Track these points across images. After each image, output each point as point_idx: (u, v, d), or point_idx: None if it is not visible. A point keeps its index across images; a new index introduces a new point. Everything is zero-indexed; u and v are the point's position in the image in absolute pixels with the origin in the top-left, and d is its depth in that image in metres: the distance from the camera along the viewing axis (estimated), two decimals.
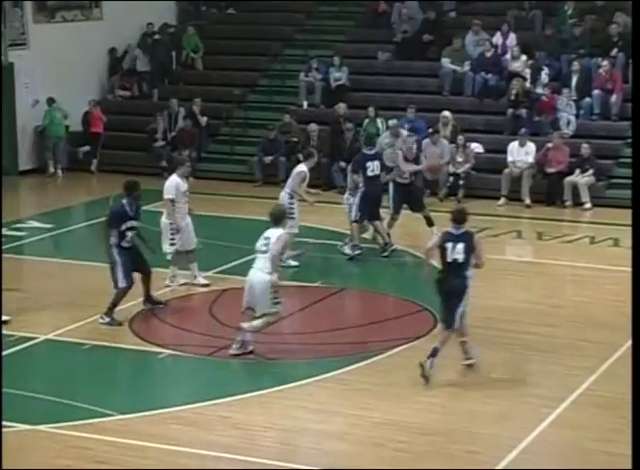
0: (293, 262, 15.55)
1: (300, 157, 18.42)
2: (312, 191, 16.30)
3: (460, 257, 11.14)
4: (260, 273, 11.70)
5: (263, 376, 11.49)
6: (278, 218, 11.98)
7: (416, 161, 17.10)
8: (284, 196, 15.82)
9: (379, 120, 21.92)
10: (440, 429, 9.89)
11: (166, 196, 14.31)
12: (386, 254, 16.28)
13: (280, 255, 11.84)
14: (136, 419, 10.23)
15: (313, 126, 21.95)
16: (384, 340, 12.50)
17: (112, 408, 10.42)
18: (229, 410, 10.42)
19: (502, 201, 20.05)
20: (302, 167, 15.98)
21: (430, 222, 16.84)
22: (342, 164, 21.33)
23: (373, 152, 16.58)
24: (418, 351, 12.15)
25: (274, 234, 11.76)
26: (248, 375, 11.65)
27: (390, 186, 16.90)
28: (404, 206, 16.98)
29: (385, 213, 16.69)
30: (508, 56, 22.72)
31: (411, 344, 12.37)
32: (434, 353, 11.06)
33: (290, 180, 16.08)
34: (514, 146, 20.62)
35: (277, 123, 22.53)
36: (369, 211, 16.24)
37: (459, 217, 11.40)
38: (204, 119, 23.21)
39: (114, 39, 24.66)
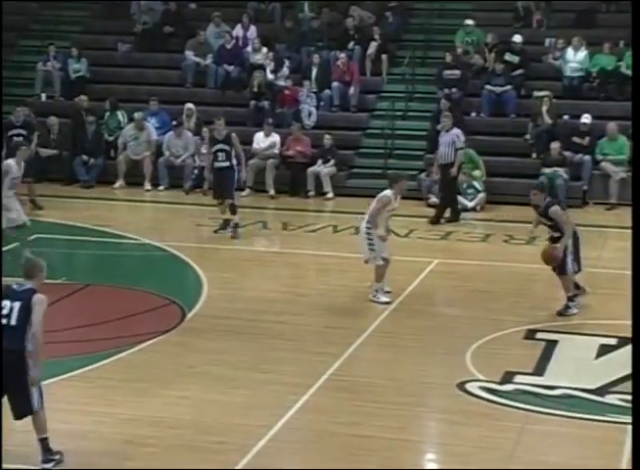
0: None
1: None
2: None
3: None
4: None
5: None
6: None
7: None
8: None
9: (119, 113, 21.63)
10: (189, 422, 9.84)
11: None
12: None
13: None
14: None
15: (53, 119, 21.37)
16: (130, 335, 12.31)
17: None
18: None
19: (246, 192, 20.18)
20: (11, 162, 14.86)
21: (233, 211, 17.11)
22: (85, 157, 20.96)
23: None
24: (166, 345, 12.07)
25: None
26: None
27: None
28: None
29: None
30: (249, 48, 22.94)
31: (158, 338, 12.25)
32: None
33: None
34: (259, 137, 20.82)
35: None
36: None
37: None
38: None
39: None
